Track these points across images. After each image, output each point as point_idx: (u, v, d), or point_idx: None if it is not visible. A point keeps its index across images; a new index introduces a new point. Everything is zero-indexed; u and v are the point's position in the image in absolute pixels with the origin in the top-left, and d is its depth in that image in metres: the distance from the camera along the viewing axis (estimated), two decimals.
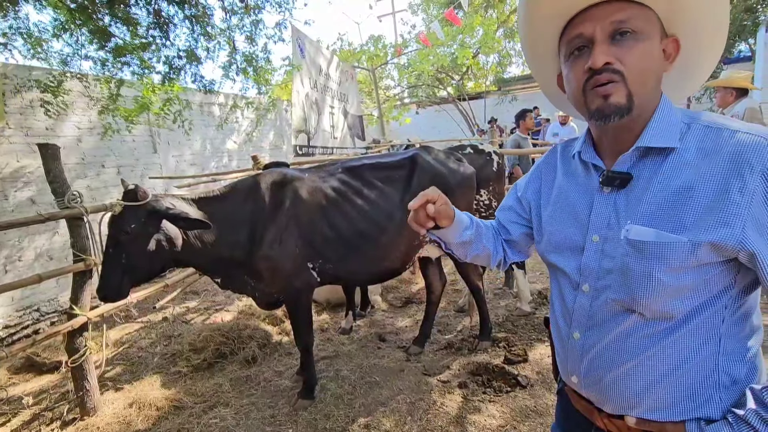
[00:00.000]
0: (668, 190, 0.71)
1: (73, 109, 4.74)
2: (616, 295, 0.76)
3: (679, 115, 0.75)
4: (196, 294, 4.93)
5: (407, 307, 4.03)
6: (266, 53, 5.25)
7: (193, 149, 6.74)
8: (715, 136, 0.70)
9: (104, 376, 3.07)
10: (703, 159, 0.69)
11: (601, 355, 0.80)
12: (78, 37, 4.15)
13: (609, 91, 0.72)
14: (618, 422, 0.81)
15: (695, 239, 0.67)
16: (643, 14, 0.73)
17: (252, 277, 2.44)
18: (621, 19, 0.71)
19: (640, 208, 0.74)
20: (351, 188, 2.57)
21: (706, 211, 0.67)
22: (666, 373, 0.74)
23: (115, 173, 5.35)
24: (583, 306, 0.82)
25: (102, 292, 2.11)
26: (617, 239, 0.76)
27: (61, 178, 2.45)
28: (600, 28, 0.73)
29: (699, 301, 0.71)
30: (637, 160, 0.77)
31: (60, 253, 4.53)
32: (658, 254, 0.70)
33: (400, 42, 13.43)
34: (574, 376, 0.87)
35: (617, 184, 0.77)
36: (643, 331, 0.75)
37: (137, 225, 2.08)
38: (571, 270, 0.85)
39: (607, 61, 0.71)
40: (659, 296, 0.71)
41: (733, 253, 0.66)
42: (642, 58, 0.72)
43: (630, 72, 0.71)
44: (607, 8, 0.73)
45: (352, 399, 2.56)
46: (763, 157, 0.64)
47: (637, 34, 0.72)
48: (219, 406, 2.60)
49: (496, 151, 3.34)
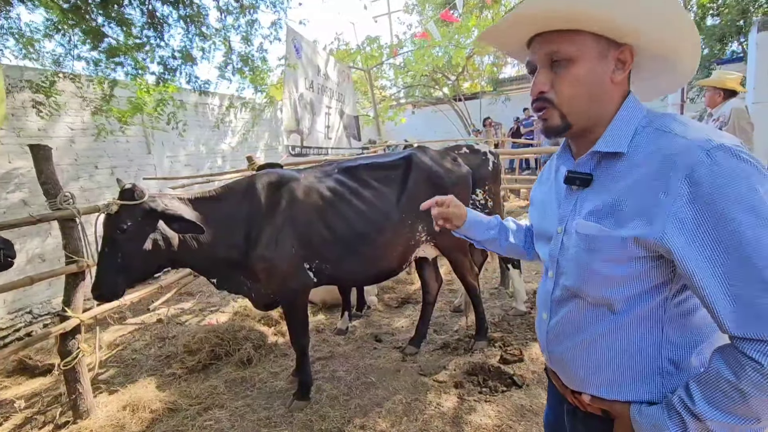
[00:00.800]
0: (615, 189, 0.78)
1: (65, 109, 4.71)
2: (569, 282, 0.86)
3: (637, 119, 0.80)
4: (191, 295, 4.90)
5: (403, 308, 4.03)
6: (262, 53, 5.24)
7: (187, 150, 6.71)
8: (658, 139, 0.75)
9: (97, 378, 3.04)
10: (644, 161, 0.75)
11: (559, 333, 0.90)
12: (71, 37, 4.12)
13: (545, 116, 0.83)
14: (580, 398, 0.89)
15: (625, 234, 0.74)
16: (577, 40, 0.78)
17: (248, 277, 2.44)
18: (553, 50, 0.80)
19: (591, 205, 0.82)
20: (347, 188, 2.57)
21: (639, 210, 0.73)
22: (614, 355, 0.81)
23: (108, 174, 5.31)
24: (548, 290, 0.93)
25: (97, 291, 2.10)
26: (572, 232, 0.85)
27: (53, 180, 2.43)
28: (539, 57, 0.82)
29: (635, 291, 0.77)
30: (598, 162, 0.84)
31: (52, 254, 4.49)
32: (596, 246, 0.78)
33: (395, 42, 13.44)
34: (545, 353, 0.97)
35: (578, 184, 0.85)
36: (590, 314, 0.84)
37: (133, 224, 2.07)
38: (544, 257, 0.97)
39: (541, 90, 0.82)
40: (598, 284, 0.80)
41: (655, 248, 0.71)
42: (572, 84, 0.79)
43: (560, 98, 0.80)
44: (542, 39, 0.81)
45: (347, 400, 2.55)
46: (688, 161, 0.67)
47: (569, 61, 0.79)
48: (214, 407, 2.59)
49: (492, 151, 3.34)
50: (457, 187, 2.77)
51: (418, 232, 2.68)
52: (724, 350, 0.69)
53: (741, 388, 0.64)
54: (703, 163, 0.66)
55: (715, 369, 0.68)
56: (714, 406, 0.67)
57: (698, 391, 0.69)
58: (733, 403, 0.65)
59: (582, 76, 0.79)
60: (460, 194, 2.78)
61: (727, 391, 0.66)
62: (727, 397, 0.66)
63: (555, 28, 0.79)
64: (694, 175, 0.66)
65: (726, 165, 0.65)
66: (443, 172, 2.74)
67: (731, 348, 0.67)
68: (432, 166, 2.72)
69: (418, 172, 2.67)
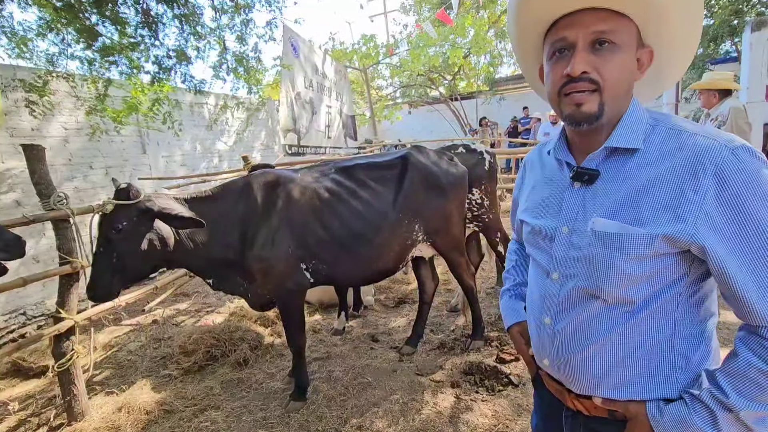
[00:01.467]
0: (631, 186, 0.76)
1: (59, 109, 4.66)
2: (582, 283, 0.82)
3: (645, 118, 0.80)
4: (187, 296, 4.88)
5: (400, 308, 4.03)
6: (257, 53, 5.22)
7: (183, 150, 6.67)
8: (675, 137, 0.75)
9: (92, 380, 3.02)
10: (663, 159, 0.74)
11: (569, 338, 0.85)
12: (64, 36, 4.08)
13: (583, 100, 0.77)
14: (586, 402, 0.86)
15: (653, 232, 0.72)
16: (624, 26, 0.76)
17: (244, 278, 2.42)
18: (603, 30, 0.75)
19: (606, 203, 0.79)
20: (344, 188, 2.56)
21: (664, 207, 0.72)
22: (627, 354, 0.79)
23: (103, 174, 5.27)
24: (552, 293, 0.88)
25: (91, 291, 2.09)
26: (584, 230, 0.81)
27: (46, 180, 2.41)
28: (582, 35, 0.75)
29: (656, 288, 0.76)
30: (605, 158, 0.81)
31: (46, 255, 4.45)
32: (619, 245, 0.75)
33: (391, 42, 13.43)
34: (546, 359, 0.92)
35: (586, 180, 0.82)
36: (607, 315, 0.80)
37: (129, 223, 2.06)
38: (542, 259, 0.91)
39: (584, 70, 0.75)
40: (620, 283, 0.77)
41: (685, 245, 0.72)
42: (618, 70, 0.76)
43: (605, 82, 0.75)
44: (591, 16, 0.75)
45: (344, 400, 2.54)
46: (716, 159, 0.69)
47: (616, 46, 0.75)
48: (210, 409, 2.57)
49: (488, 150, 3.35)
50: (454, 187, 2.77)
51: (415, 231, 2.68)
52: (747, 341, 0.70)
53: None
54: (729, 161, 0.68)
55: (744, 359, 0.69)
56: (746, 397, 0.68)
57: (728, 383, 0.69)
58: (765, 392, 0.67)
59: (626, 64, 0.77)
60: (456, 194, 2.79)
61: (759, 381, 0.67)
62: (759, 387, 0.67)
63: (605, 4, 0.74)
64: (721, 173, 0.68)
65: (750, 164, 0.68)
66: (440, 171, 2.74)
67: (757, 338, 0.69)
68: (428, 166, 2.72)
69: (415, 172, 2.66)
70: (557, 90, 0.80)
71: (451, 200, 2.76)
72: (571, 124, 0.81)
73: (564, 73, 0.77)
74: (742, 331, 0.72)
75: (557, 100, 0.81)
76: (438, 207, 2.71)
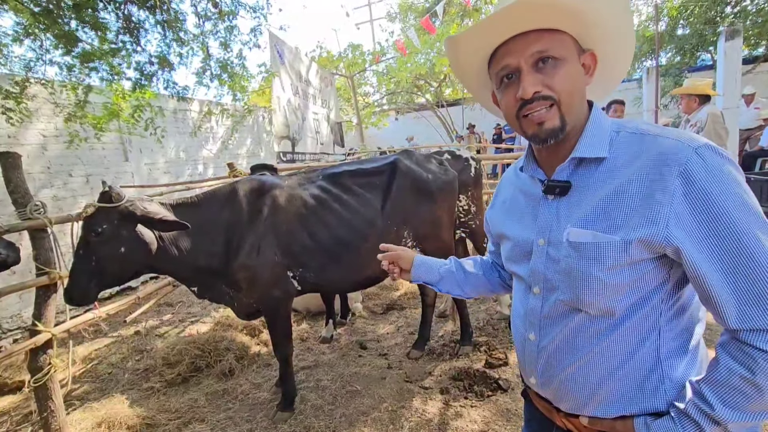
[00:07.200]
0: (601, 194, 0.76)
1: (37, 116, 4.55)
2: (563, 296, 0.81)
3: (608, 125, 0.81)
4: (171, 306, 4.77)
5: (388, 314, 4.01)
6: (241, 60, 5.18)
7: (166, 157, 6.57)
8: (639, 141, 0.76)
9: (71, 394, 2.92)
10: (629, 164, 0.75)
11: (555, 353, 0.84)
12: (42, 41, 3.99)
13: (543, 118, 0.78)
14: (575, 421, 0.85)
15: (626, 237, 0.72)
16: (559, 40, 0.78)
17: (230, 286, 2.38)
18: (541, 49, 0.76)
19: (578, 212, 0.79)
20: (331, 195, 2.54)
21: (634, 211, 0.72)
22: (615, 367, 0.78)
23: (83, 182, 5.15)
24: (535, 308, 0.87)
25: (68, 294, 2.04)
26: (560, 242, 0.81)
27: (22, 188, 2.33)
28: (524, 59, 0.77)
29: (637, 297, 0.75)
30: (574, 168, 0.82)
31: (23, 266, 4.28)
32: (595, 254, 0.75)
33: (378, 50, 13.52)
34: (533, 377, 0.90)
35: (558, 192, 0.82)
36: (590, 328, 0.79)
37: (109, 227, 2.01)
38: (523, 274, 0.90)
39: (536, 90, 0.76)
40: (600, 294, 0.76)
41: (661, 248, 0.71)
42: (568, 81, 0.77)
43: (559, 95, 0.77)
44: (525, 39, 0.77)
45: (332, 409, 2.51)
46: (680, 159, 0.69)
47: (558, 60, 0.77)
48: (194, 422, 2.51)
49: (474, 157, 3.37)
50: (443, 192, 2.77)
51: (404, 237, 2.67)
52: (727, 347, 0.69)
53: (756, 382, 0.64)
54: (693, 160, 0.68)
55: (725, 367, 0.67)
56: (732, 407, 0.66)
57: (712, 393, 0.68)
58: (752, 400, 0.65)
59: (573, 73, 0.78)
60: (445, 199, 2.79)
61: (743, 389, 0.65)
62: (743, 395, 0.65)
63: (533, 26, 0.76)
64: (686, 173, 0.68)
65: (714, 162, 0.68)
66: (429, 177, 2.74)
67: (736, 343, 0.67)
68: (417, 171, 2.72)
69: (403, 178, 2.66)
70: (514, 114, 0.81)
71: (440, 205, 2.76)
72: (537, 143, 0.82)
73: (517, 97, 0.78)
74: (723, 336, 0.71)
75: (517, 123, 0.82)
76: (427, 213, 2.70)
